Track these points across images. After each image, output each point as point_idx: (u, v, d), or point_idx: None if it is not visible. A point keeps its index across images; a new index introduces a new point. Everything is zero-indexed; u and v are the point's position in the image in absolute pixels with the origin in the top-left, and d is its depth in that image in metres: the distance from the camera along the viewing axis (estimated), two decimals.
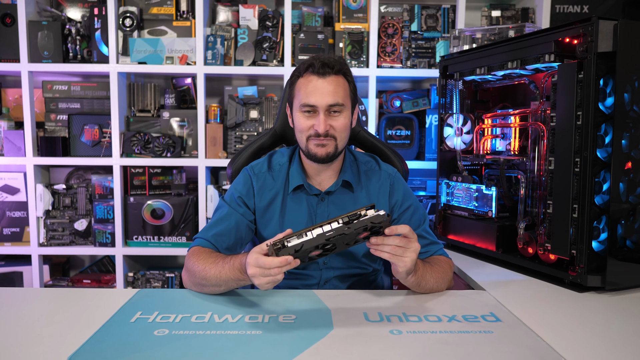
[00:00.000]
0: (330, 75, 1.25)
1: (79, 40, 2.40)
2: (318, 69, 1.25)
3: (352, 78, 1.32)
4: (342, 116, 1.27)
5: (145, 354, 0.91)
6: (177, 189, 2.48)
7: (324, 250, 1.03)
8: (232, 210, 1.33)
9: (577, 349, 0.95)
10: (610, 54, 1.26)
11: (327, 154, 1.28)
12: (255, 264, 1.00)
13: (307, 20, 2.46)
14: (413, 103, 2.53)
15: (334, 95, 1.25)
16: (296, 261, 0.99)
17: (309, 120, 1.27)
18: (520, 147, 1.68)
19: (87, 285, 2.50)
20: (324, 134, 1.25)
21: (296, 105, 1.29)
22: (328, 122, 1.25)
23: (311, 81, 1.26)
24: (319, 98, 1.24)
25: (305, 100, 1.26)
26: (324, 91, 1.24)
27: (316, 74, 1.25)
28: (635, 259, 1.34)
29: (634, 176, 1.31)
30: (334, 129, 1.26)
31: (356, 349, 0.93)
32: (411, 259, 1.09)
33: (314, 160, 1.30)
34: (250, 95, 2.49)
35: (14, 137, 2.39)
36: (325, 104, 1.24)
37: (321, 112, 1.25)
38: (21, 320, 1.07)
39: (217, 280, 1.15)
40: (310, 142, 1.28)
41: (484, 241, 1.66)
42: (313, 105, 1.25)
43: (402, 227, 1.08)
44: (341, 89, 1.27)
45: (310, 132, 1.27)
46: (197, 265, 1.19)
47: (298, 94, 1.28)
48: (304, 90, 1.26)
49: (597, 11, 2.42)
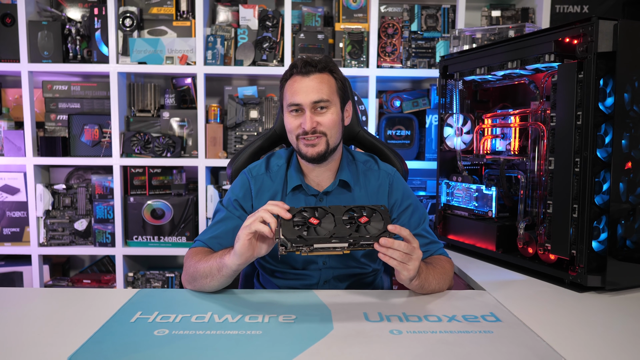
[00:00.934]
0: (314, 74, 1.27)
1: (79, 40, 2.40)
2: (301, 69, 1.27)
3: (339, 75, 1.33)
4: (329, 112, 1.28)
5: (145, 354, 0.91)
6: (177, 189, 2.48)
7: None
8: (229, 214, 1.33)
9: (577, 349, 0.95)
10: (610, 54, 1.26)
11: (317, 153, 1.28)
12: (266, 207, 1.08)
13: (307, 20, 2.46)
14: (413, 103, 2.53)
15: (317, 91, 1.26)
16: (288, 215, 1.06)
17: (296, 119, 1.28)
18: (520, 147, 1.68)
19: (87, 285, 2.50)
20: (311, 131, 1.26)
21: (285, 107, 1.32)
22: (315, 119, 1.26)
23: (295, 81, 1.28)
24: (303, 96, 1.26)
25: (290, 99, 1.28)
26: (307, 89, 1.26)
27: (300, 74, 1.28)
28: (635, 259, 1.34)
29: (634, 176, 1.31)
30: (322, 125, 1.27)
31: (356, 349, 0.93)
32: (414, 267, 1.10)
33: (306, 160, 1.31)
34: (250, 95, 2.49)
35: (14, 137, 2.39)
36: (309, 101, 1.26)
37: (307, 109, 1.26)
38: (21, 320, 1.07)
39: (204, 270, 1.18)
40: (300, 142, 1.29)
41: (484, 241, 1.66)
42: (298, 103, 1.27)
43: (404, 230, 1.09)
44: (325, 86, 1.27)
45: (299, 132, 1.28)
46: (191, 260, 1.23)
47: (285, 95, 1.31)
48: (290, 90, 1.29)
49: (597, 11, 2.43)
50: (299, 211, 1.09)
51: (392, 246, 1.05)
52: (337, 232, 1.05)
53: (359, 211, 1.09)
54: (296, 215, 1.08)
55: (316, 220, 1.08)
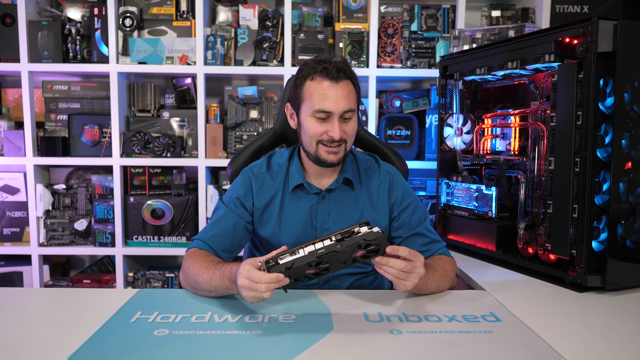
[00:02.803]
0: (343, 80, 1.24)
1: (79, 40, 2.40)
2: (333, 74, 1.22)
3: (357, 81, 1.31)
4: (352, 121, 1.27)
5: (145, 354, 0.91)
6: (177, 189, 2.48)
7: (319, 269, 1.01)
8: (230, 212, 1.33)
9: (577, 349, 0.96)
10: (610, 54, 1.26)
11: (338, 160, 1.28)
12: (247, 275, 0.99)
13: (307, 20, 2.46)
14: (413, 103, 2.53)
15: (347, 101, 1.24)
16: (285, 280, 0.98)
17: (322, 125, 1.25)
18: (520, 147, 1.68)
19: (87, 285, 2.50)
20: (338, 140, 1.24)
21: (307, 109, 1.26)
22: (342, 127, 1.24)
23: (325, 87, 1.23)
24: (334, 104, 1.22)
25: (319, 105, 1.23)
26: (339, 97, 1.23)
27: (329, 79, 1.23)
28: (635, 259, 1.34)
29: (634, 176, 1.31)
30: (346, 133, 1.26)
31: (356, 349, 0.93)
32: (413, 284, 1.09)
33: (324, 165, 1.29)
34: (250, 95, 2.49)
35: (14, 137, 2.39)
36: (340, 110, 1.23)
37: (336, 118, 1.24)
38: (21, 320, 1.07)
39: (207, 286, 1.16)
40: (320, 148, 1.27)
41: (484, 241, 1.66)
42: (329, 111, 1.23)
43: (402, 250, 1.05)
44: (353, 95, 1.26)
45: (323, 138, 1.25)
46: (191, 268, 1.20)
47: (310, 98, 1.24)
48: (318, 94, 1.23)
49: (597, 11, 2.42)
50: (293, 268, 0.99)
51: (387, 264, 1.04)
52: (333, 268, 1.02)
53: (355, 248, 0.99)
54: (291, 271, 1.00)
55: (312, 270, 1.01)
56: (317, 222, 1.34)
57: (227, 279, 1.11)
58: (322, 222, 1.34)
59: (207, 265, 1.18)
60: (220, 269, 1.14)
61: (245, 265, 1.01)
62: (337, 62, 1.24)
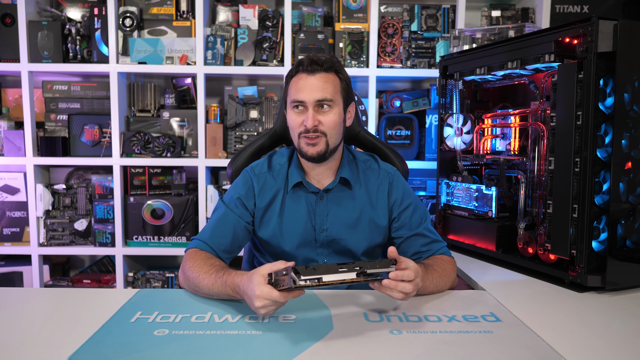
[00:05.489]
0: (319, 72, 1.28)
1: (79, 40, 2.40)
2: (307, 67, 1.27)
3: (344, 75, 1.33)
4: (332, 112, 1.28)
5: (145, 354, 0.91)
6: (177, 189, 2.48)
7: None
8: (230, 212, 1.33)
9: (577, 349, 0.96)
10: (610, 54, 1.26)
11: (317, 152, 1.28)
12: (268, 296, 0.97)
13: (307, 20, 2.46)
14: (413, 103, 2.53)
15: (322, 90, 1.26)
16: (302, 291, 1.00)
17: (298, 116, 1.29)
18: (520, 147, 1.68)
19: (87, 285, 2.50)
20: (312, 129, 1.26)
21: (288, 103, 1.32)
22: (317, 117, 1.26)
23: (301, 78, 1.28)
24: (307, 94, 1.26)
25: (294, 96, 1.28)
26: (312, 87, 1.26)
27: (305, 72, 1.28)
28: (635, 259, 1.34)
29: (634, 176, 1.31)
30: (323, 124, 1.27)
31: (356, 349, 0.93)
32: (410, 297, 1.08)
33: (306, 159, 1.31)
34: (250, 95, 2.49)
35: (14, 137, 2.39)
36: (313, 99, 1.26)
37: (310, 107, 1.26)
38: (21, 320, 1.07)
39: (209, 291, 1.16)
40: (301, 140, 1.29)
41: (484, 241, 1.66)
42: (302, 100, 1.27)
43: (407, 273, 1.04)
44: (330, 85, 1.28)
45: (301, 129, 1.28)
46: (192, 271, 1.20)
47: (289, 92, 1.31)
48: (294, 87, 1.29)
49: (597, 11, 2.42)
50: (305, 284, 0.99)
51: (397, 288, 1.03)
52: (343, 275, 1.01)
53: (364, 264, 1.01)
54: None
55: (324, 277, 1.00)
56: (315, 223, 1.34)
57: (230, 289, 1.10)
58: (320, 222, 1.34)
59: (208, 270, 1.17)
60: (222, 277, 1.13)
61: (261, 287, 0.98)
62: (315, 55, 1.29)
